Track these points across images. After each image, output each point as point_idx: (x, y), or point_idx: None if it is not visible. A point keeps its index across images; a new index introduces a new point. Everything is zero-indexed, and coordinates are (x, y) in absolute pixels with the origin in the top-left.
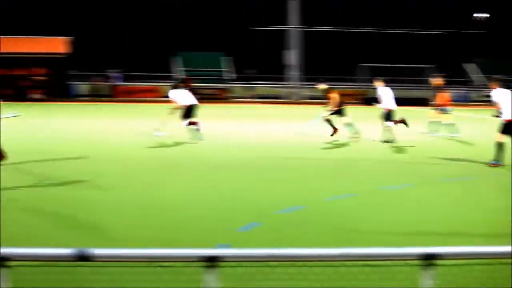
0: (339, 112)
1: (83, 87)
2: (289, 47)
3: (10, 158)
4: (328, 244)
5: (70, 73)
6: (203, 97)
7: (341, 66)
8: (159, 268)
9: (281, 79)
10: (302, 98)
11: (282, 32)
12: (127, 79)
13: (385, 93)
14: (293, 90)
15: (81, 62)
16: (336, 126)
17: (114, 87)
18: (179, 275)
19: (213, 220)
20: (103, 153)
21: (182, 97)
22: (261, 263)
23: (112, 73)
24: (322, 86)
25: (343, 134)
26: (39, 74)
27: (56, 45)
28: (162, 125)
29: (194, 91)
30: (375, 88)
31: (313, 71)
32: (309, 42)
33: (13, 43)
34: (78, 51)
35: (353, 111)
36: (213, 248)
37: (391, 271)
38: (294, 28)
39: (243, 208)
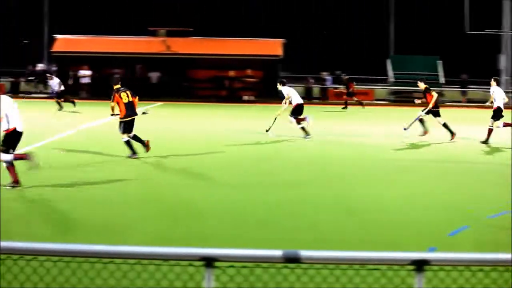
0: (434, 113)
1: (296, 89)
2: (503, 51)
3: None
4: None
5: (283, 75)
6: (414, 100)
7: None
8: (362, 271)
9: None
10: None
11: (497, 36)
12: (339, 81)
13: (498, 93)
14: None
15: (294, 64)
16: (428, 129)
17: (326, 89)
18: (383, 278)
19: (424, 223)
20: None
21: (296, 95)
22: (463, 267)
23: (325, 76)
24: (422, 85)
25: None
26: (251, 76)
27: (272, 47)
28: (273, 125)
29: (353, 93)
30: None
31: None
32: None
33: (228, 44)
34: (292, 53)
35: None
36: (424, 251)
37: None
38: (507, 32)
39: (452, 212)
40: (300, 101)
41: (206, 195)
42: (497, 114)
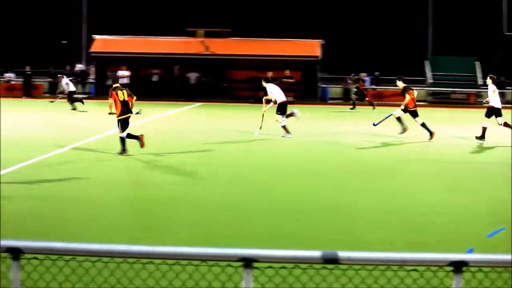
0: (413, 113)
1: (334, 90)
2: None
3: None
4: None
5: (321, 76)
6: (452, 102)
7: None
8: (400, 272)
9: None
10: None
11: None
12: (379, 82)
13: (497, 93)
14: None
15: (333, 64)
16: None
17: (365, 90)
18: (421, 278)
19: (459, 224)
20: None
21: (279, 93)
22: (502, 269)
23: (364, 77)
24: (400, 84)
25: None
26: (289, 77)
27: (310, 48)
28: (260, 124)
29: (363, 91)
30: None
31: None
32: None
33: (266, 45)
34: (331, 54)
35: None
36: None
37: None
38: None
39: (489, 214)
40: (284, 99)
41: (206, 194)
42: (492, 113)
